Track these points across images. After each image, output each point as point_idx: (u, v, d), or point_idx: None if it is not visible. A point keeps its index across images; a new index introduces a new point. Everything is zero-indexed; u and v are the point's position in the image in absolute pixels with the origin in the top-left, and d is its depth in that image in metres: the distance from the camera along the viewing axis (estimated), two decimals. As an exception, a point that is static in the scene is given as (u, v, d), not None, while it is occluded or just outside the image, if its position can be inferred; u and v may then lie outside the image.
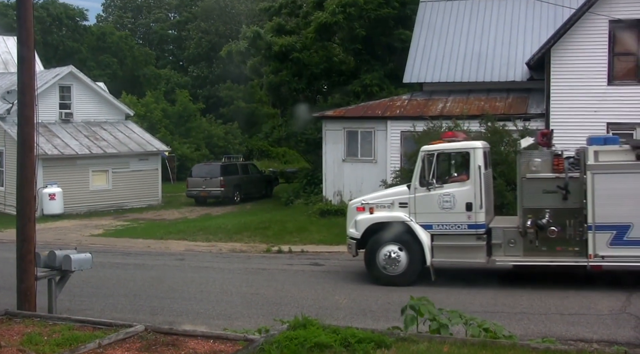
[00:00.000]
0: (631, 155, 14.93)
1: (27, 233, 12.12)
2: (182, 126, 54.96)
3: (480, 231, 15.72)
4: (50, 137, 33.48)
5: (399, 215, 16.36)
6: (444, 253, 16.02)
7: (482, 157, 16.01)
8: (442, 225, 15.94)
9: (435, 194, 15.96)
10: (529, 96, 27.02)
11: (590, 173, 14.96)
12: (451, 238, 15.93)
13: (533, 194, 15.44)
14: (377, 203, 16.82)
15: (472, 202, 15.71)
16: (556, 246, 15.30)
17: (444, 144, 16.53)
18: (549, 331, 11.78)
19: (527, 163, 15.56)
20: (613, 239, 14.81)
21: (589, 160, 15.02)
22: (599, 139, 15.71)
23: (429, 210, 16.01)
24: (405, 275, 16.19)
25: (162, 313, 13.95)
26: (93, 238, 25.57)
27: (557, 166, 15.38)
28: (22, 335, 10.01)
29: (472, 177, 15.85)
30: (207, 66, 71.08)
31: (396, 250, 16.22)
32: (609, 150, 15.10)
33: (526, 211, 15.45)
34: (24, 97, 12.23)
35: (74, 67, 37.01)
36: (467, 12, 30.87)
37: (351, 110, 29.44)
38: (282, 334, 9.28)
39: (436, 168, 16.11)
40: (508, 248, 15.64)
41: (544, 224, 15.19)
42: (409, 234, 16.18)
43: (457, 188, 15.91)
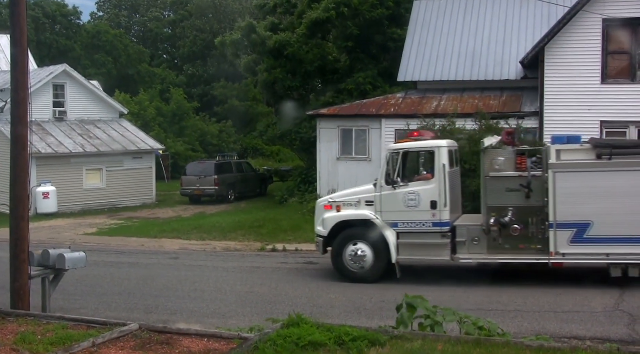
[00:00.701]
0: (592, 154, 15.07)
1: (20, 232, 12.10)
2: (176, 124, 54.88)
3: (444, 229, 15.91)
4: (44, 135, 33.40)
5: (365, 212, 16.55)
6: (409, 250, 16.22)
7: (447, 155, 16.19)
8: (407, 223, 16.14)
9: (400, 192, 16.18)
10: (523, 94, 27.06)
11: (552, 172, 15.12)
12: (416, 236, 16.11)
13: (496, 192, 15.61)
14: (344, 201, 17.02)
15: (436, 200, 15.89)
16: (519, 244, 15.50)
17: (410, 143, 16.78)
18: (543, 329, 11.81)
19: (491, 162, 15.69)
20: (573, 237, 15.00)
21: (550, 158, 15.16)
22: (561, 138, 15.86)
23: (395, 208, 16.22)
24: (371, 272, 16.38)
25: (156, 311, 13.94)
26: (87, 237, 25.53)
27: (520, 164, 15.55)
28: (15, 334, 9.99)
29: (436, 175, 16.04)
30: (202, 64, 71.00)
31: (362, 248, 16.41)
32: (571, 149, 15.24)
33: (490, 210, 15.61)
34: (17, 95, 12.20)
35: (68, 65, 36.94)
36: (461, 10, 30.90)
37: (345, 109, 29.44)
38: (276, 332, 9.28)
39: (401, 166, 16.34)
40: (472, 245, 15.82)
41: (507, 222, 15.34)
42: (375, 232, 16.35)
43: (422, 186, 16.12)
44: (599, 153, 14.97)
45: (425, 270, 16.78)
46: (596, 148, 15.06)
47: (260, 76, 40.98)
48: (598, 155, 14.95)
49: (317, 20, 35.25)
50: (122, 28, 76.41)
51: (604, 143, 15.48)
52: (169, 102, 57.25)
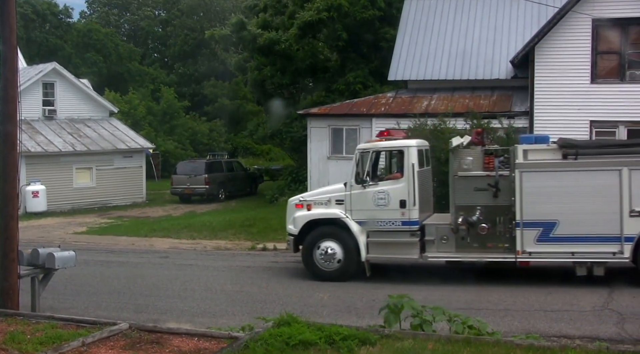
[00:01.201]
0: (558, 154, 15.17)
1: (9, 231, 12.06)
2: (166, 123, 54.81)
3: (413, 228, 16.01)
4: (34, 134, 33.29)
5: (335, 211, 16.63)
6: (378, 249, 16.34)
7: (416, 155, 16.29)
8: (377, 222, 16.23)
9: (370, 191, 16.26)
10: (513, 94, 27.12)
11: (518, 171, 15.21)
12: (386, 235, 16.22)
13: (465, 192, 15.75)
14: (314, 200, 17.10)
15: (405, 199, 15.99)
16: (487, 243, 15.63)
17: (379, 142, 16.93)
18: (533, 328, 11.84)
19: (459, 162, 15.82)
20: (540, 236, 15.12)
21: (517, 158, 15.26)
22: (529, 138, 16.06)
23: (364, 207, 16.30)
24: (341, 270, 16.46)
25: (147, 310, 13.90)
26: (77, 236, 25.45)
27: (487, 164, 15.68)
28: (4, 334, 9.96)
29: (406, 174, 16.14)
30: (193, 63, 70.91)
31: (332, 246, 16.49)
32: (537, 149, 15.37)
33: (458, 209, 15.73)
34: (6, 93, 12.16)
35: (58, 64, 36.84)
36: (451, 10, 30.94)
37: (336, 108, 29.44)
38: (267, 331, 9.28)
39: (371, 166, 16.47)
40: (441, 244, 15.94)
41: (475, 221, 15.48)
42: (345, 230, 16.43)
43: (391, 185, 16.22)
44: (565, 153, 15.10)
45: (415, 269, 16.80)
46: (562, 148, 15.19)
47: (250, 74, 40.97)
48: (564, 155, 15.10)
49: (308, 22, 35.27)
50: (112, 27, 76.18)
51: (570, 144, 15.55)
52: (159, 101, 57.15)
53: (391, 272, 16.84)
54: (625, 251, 14.74)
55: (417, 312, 9.62)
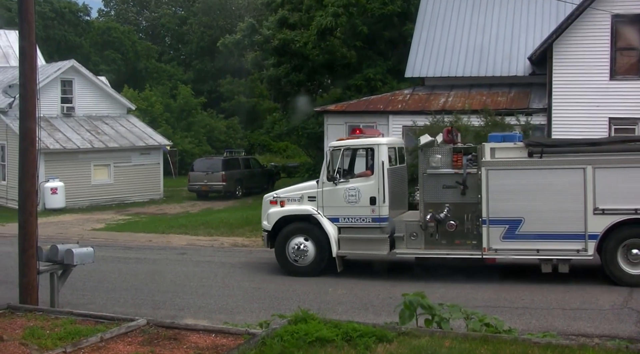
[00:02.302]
0: (524, 152, 15.26)
1: (28, 227, 12.14)
2: (183, 120, 54.98)
3: (383, 225, 16.23)
4: (52, 131, 33.50)
5: (307, 208, 16.88)
6: (349, 245, 16.59)
7: (386, 153, 16.54)
8: (348, 218, 16.48)
9: (341, 188, 16.49)
10: (531, 91, 26.98)
11: (485, 169, 15.34)
12: (356, 231, 16.46)
13: (433, 189, 15.96)
14: (288, 197, 17.33)
15: (375, 196, 16.22)
16: (455, 240, 15.85)
17: (350, 140, 17.24)
18: (551, 326, 11.78)
19: (428, 159, 16.01)
20: (506, 233, 15.25)
21: (484, 156, 15.39)
22: (497, 136, 16.06)
23: (336, 203, 16.55)
24: (313, 266, 16.75)
25: (164, 307, 13.96)
26: (95, 232, 25.59)
27: (456, 162, 15.85)
28: (24, 329, 10.04)
29: (376, 172, 16.38)
30: (210, 60, 71.08)
31: (304, 242, 16.77)
32: (504, 147, 15.46)
33: (427, 206, 15.96)
34: (25, 90, 12.24)
35: (76, 61, 37.02)
36: (469, 6, 30.81)
37: (353, 105, 29.40)
38: (284, 328, 9.29)
39: (342, 163, 16.76)
40: (410, 241, 16.15)
41: (443, 218, 15.70)
42: (317, 227, 16.67)
43: (362, 182, 16.46)
44: (530, 151, 15.21)
45: (432, 267, 16.74)
46: (528, 146, 15.31)
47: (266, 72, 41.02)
48: (530, 153, 15.21)
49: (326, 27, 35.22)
50: (129, 24, 76.48)
51: (536, 142, 15.73)
52: (176, 99, 57.35)
53: (408, 269, 16.82)
54: (589, 248, 14.90)
55: (432, 310, 9.59)
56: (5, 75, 37.10)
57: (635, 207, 14.70)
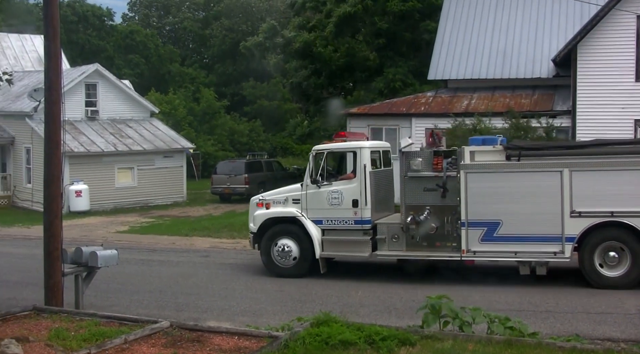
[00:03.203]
0: (503, 156, 15.43)
1: (54, 230, 12.25)
2: (206, 123, 55.19)
3: (366, 227, 16.52)
4: (77, 135, 33.78)
5: (292, 210, 17.23)
6: (332, 247, 16.89)
7: (368, 156, 16.80)
8: (331, 221, 16.82)
9: (324, 191, 16.83)
10: (555, 93, 26.81)
11: (464, 172, 15.50)
12: (339, 233, 16.79)
13: (414, 192, 16.23)
14: (273, 200, 17.70)
15: (358, 199, 16.52)
16: (436, 242, 16.12)
17: (333, 144, 17.58)
18: (576, 330, 11.67)
19: (409, 162, 16.27)
20: (484, 235, 15.41)
21: (464, 159, 15.56)
22: (477, 140, 16.33)
23: (319, 206, 16.89)
24: (297, 267, 17.08)
25: (187, 309, 14.02)
26: (119, 235, 25.75)
27: (436, 165, 16.09)
28: (49, 330, 10.12)
29: (358, 175, 16.65)
30: (232, 63, 71.31)
31: (288, 244, 17.09)
32: (483, 150, 15.65)
33: (408, 208, 16.20)
34: (50, 94, 12.36)
35: (100, 65, 37.29)
36: (492, 8, 30.69)
37: (375, 107, 29.38)
38: (306, 331, 9.29)
39: (325, 166, 17.09)
40: (392, 243, 16.39)
41: (423, 220, 15.93)
42: (301, 229, 16.99)
43: (344, 185, 16.78)
44: (508, 154, 15.38)
45: (454, 270, 16.67)
46: (507, 149, 15.46)
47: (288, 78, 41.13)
48: (507, 156, 15.39)
49: (345, 16, 35.24)
50: (152, 28, 76.95)
51: (514, 145, 15.83)
52: (199, 102, 57.60)
53: (431, 273, 16.75)
54: (566, 251, 15.02)
55: (454, 313, 9.54)
56: (31, 79, 37.47)
57: (611, 210, 14.80)
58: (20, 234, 26.42)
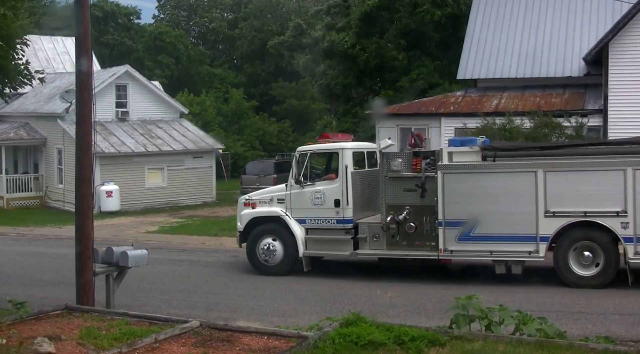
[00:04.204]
0: (479, 156, 15.78)
1: (85, 230, 12.36)
2: (235, 124, 55.41)
3: (347, 226, 16.98)
4: (107, 135, 34.10)
5: (276, 210, 17.75)
6: (315, 245, 17.38)
7: (350, 157, 17.24)
8: (314, 220, 17.31)
9: (307, 191, 17.32)
10: (586, 92, 26.52)
11: (441, 173, 15.82)
12: (322, 232, 17.27)
13: (394, 192, 16.53)
14: (259, 199, 18.21)
15: (339, 199, 16.98)
16: (415, 241, 16.42)
17: (317, 145, 18.12)
18: (608, 332, 11.51)
19: (389, 163, 16.54)
20: (461, 235, 15.73)
21: (442, 160, 15.92)
22: (456, 141, 16.75)
23: (303, 205, 17.38)
24: (281, 265, 17.53)
25: (217, 309, 14.09)
26: (149, 235, 25.94)
27: (415, 166, 16.37)
28: (81, 329, 10.23)
29: (340, 175, 17.08)
30: (260, 64, 71.51)
31: (273, 243, 17.58)
32: (461, 151, 16.02)
33: (388, 208, 16.53)
34: (81, 96, 12.48)
35: (130, 67, 37.64)
36: (522, 5, 30.43)
37: (404, 107, 29.27)
38: (336, 331, 9.28)
39: (309, 167, 17.58)
40: (373, 242, 16.77)
41: (402, 220, 16.24)
42: (285, 228, 17.47)
43: (327, 185, 17.24)
44: (484, 155, 15.71)
45: (485, 271, 16.57)
46: (483, 150, 15.77)
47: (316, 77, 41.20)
48: (483, 157, 15.73)
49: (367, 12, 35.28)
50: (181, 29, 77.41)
51: (490, 146, 16.08)
52: (228, 102, 57.83)
53: (461, 273, 16.66)
54: (540, 250, 15.26)
55: (484, 314, 9.48)
56: (62, 80, 37.94)
57: (584, 210, 14.99)
58: (53, 234, 26.75)
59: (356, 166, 17.85)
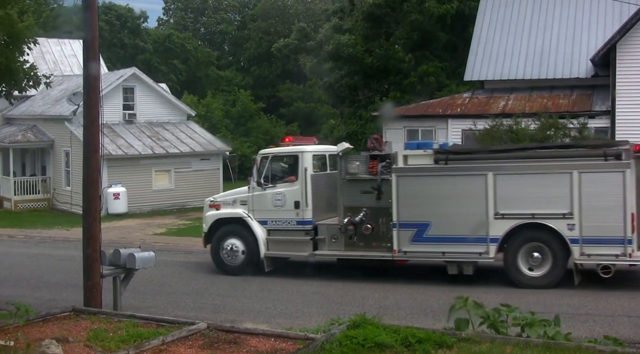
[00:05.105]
0: (432, 159, 16.14)
1: (92, 232, 12.40)
2: (242, 126, 55.43)
3: (307, 227, 17.51)
4: (114, 138, 34.17)
5: (239, 211, 18.25)
6: (276, 246, 17.88)
7: (310, 160, 17.74)
8: (275, 221, 17.84)
9: (269, 193, 17.86)
10: (594, 93, 26.46)
11: (395, 176, 16.27)
12: (283, 233, 17.80)
13: (352, 194, 17.01)
14: (223, 201, 18.79)
15: (299, 201, 17.50)
16: (372, 242, 16.94)
17: (278, 148, 18.83)
18: (616, 334, 11.45)
19: (347, 166, 17.02)
20: (414, 236, 16.16)
21: (397, 163, 16.36)
22: (412, 144, 17.45)
23: (264, 207, 17.91)
24: (244, 265, 17.97)
25: (224, 311, 14.11)
26: (156, 237, 26.00)
27: (372, 168, 16.76)
28: (88, 331, 10.25)
29: (300, 178, 17.58)
30: (268, 66, 71.57)
31: (236, 243, 18.04)
32: (415, 154, 16.57)
33: (346, 210, 17.04)
34: (89, 98, 12.52)
35: (137, 69, 37.69)
36: (529, 7, 30.39)
37: (412, 109, 29.25)
38: (343, 333, 9.28)
39: (270, 169, 18.09)
40: (331, 243, 17.29)
41: (359, 222, 16.70)
42: (247, 229, 17.94)
43: (287, 187, 17.77)
44: (436, 158, 16.09)
45: (493, 272, 16.54)
46: (436, 153, 16.16)
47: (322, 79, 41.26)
48: (435, 160, 16.10)
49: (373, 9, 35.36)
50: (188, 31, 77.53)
51: (443, 150, 16.46)
52: (235, 104, 57.87)
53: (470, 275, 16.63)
54: (490, 251, 15.65)
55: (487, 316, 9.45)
56: (70, 83, 38.03)
57: (532, 212, 15.32)
58: (60, 236, 26.83)
59: (318, 169, 18.25)
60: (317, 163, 18.38)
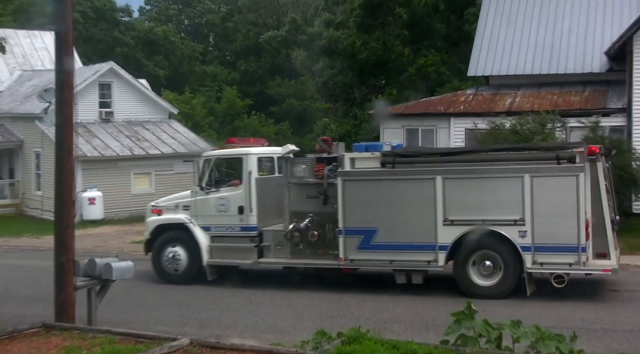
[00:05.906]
0: (379, 162, 16.14)
1: (65, 240, 12.29)
2: (228, 125, 55.30)
3: (252, 234, 17.64)
4: (90, 138, 34.03)
5: (181, 217, 18.32)
6: (220, 253, 17.94)
7: (255, 163, 17.86)
8: (218, 227, 17.95)
9: (212, 198, 17.98)
10: (609, 89, 26.49)
11: (341, 179, 16.34)
12: (227, 240, 17.90)
13: (297, 199, 17.14)
14: (165, 206, 18.86)
15: (244, 206, 17.61)
16: (318, 249, 17.01)
17: (221, 150, 18.97)
18: (635, 351, 11.47)
19: (292, 169, 17.17)
20: (361, 243, 16.26)
21: (343, 166, 16.41)
22: (361, 146, 17.25)
23: (208, 212, 18.00)
24: (186, 274, 18.12)
25: (210, 325, 14.02)
26: (135, 245, 25.81)
27: (318, 172, 16.89)
28: (60, 349, 10.16)
29: (244, 181, 17.74)
30: (256, 60, 71.47)
31: (178, 251, 18.14)
32: (362, 157, 16.55)
33: (292, 216, 17.11)
34: (62, 95, 12.42)
35: (115, 64, 37.53)
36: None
37: (411, 107, 29.23)
38: (337, 349, 9.24)
39: (213, 173, 18.24)
40: (277, 250, 17.43)
41: (304, 228, 16.81)
42: (189, 235, 18.04)
43: (231, 192, 17.89)
44: (382, 161, 16.09)
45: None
46: (383, 156, 16.15)
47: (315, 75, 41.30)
48: (382, 163, 16.10)
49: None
50: (171, 23, 77.42)
51: (390, 152, 16.52)
52: (220, 101, 57.74)
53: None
54: (439, 259, 15.76)
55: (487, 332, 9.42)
56: (41, 78, 37.83)
57: (483, 218, 15.37)
58: (29, 245, 26.68)
59: (265, 172, 18.36)
60: (265, 166, 18.54)
